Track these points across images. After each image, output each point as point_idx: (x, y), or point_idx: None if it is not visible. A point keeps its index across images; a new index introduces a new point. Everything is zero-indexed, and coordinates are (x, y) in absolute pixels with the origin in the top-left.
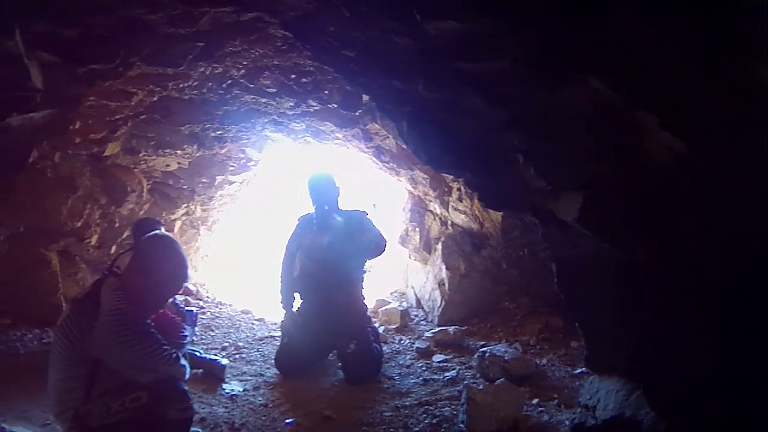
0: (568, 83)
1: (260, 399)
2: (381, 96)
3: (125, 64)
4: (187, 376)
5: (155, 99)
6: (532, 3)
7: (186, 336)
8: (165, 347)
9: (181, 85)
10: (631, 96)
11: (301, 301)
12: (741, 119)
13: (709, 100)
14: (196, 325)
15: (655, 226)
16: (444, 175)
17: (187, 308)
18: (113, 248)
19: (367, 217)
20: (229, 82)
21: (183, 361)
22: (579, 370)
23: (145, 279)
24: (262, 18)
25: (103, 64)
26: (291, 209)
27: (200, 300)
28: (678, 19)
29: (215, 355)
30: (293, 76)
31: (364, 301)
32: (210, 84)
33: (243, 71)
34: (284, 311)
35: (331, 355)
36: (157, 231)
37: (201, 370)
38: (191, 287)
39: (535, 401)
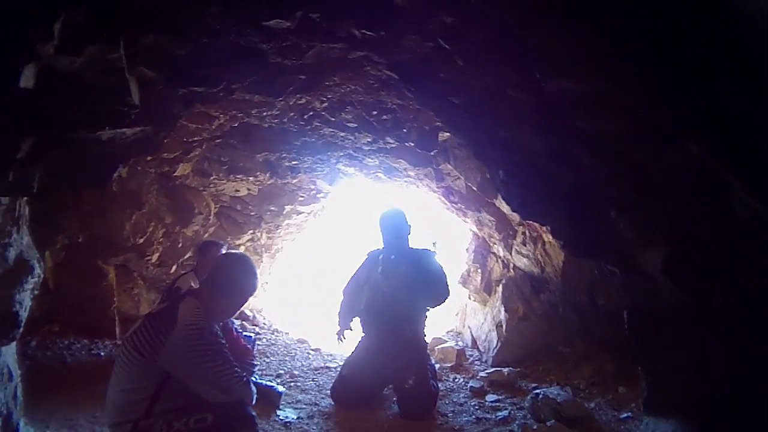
0: (668, 145)
1: (314, 428)
2: (483, 143)
3: (228, 90)
4: (254, 400)
5: (236, 124)
6: (644, 68)
7: (255, 364)
8: (237, 368)
9: (263, 113)
10: (723, 160)
11: (363, 334)
12: None
13: None
14: (255, 348)
15: (731, 280)
16: (510, 218)
17: (245, 333)
18: (174, 268)
19: (435, 257)
20: (311, 113)
21: (252, 386)
22: (625, 415)
23: (223, 293)
24: (370, 57)
25: (205, 88)
26: (356, 243)
27: (256, 326)
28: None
29: (270, 381)
30: (375, 112)
31: (425, 338)
32: (292, 114)
33: (326, 104)
34: (338, 330)
35: (386, 389)
36: (231, 250)
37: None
38: (248, 312)
39: None
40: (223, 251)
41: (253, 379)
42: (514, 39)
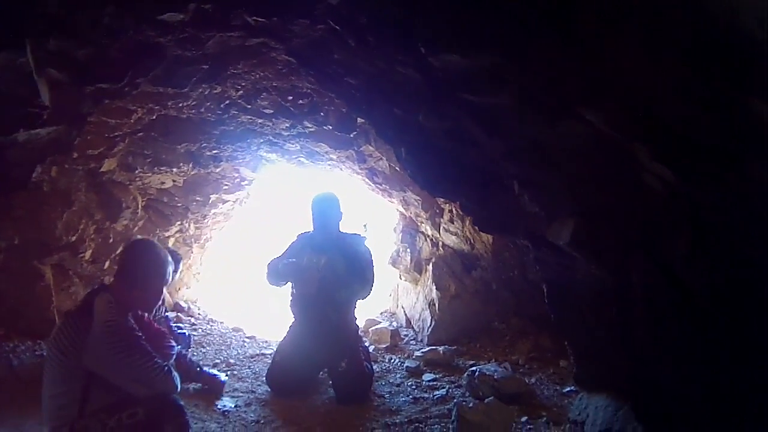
0: (565, 117)
1: (252, 416)
2: (381, 123)
3: (132, 85)
4: (179, 388)
5: (154, 117)
6: (533, 40)
7: (173, 346)
8: (156, 360)
9: (180, 104)
10: (626, 130)
11: (293, 320)
12: (735, 153)
13: (703, 134)
14: (190, 347)
15: (646, 252)
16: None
17: (180, 331)
18: (107, 263)
19: (365, 243)
20: (227, 102)
21: (174, 373)
22: (568, 389)
23: (134, 285)
24: (267, 43)
25: (110, 84)
26: (284, 228)
27: (192, 317)
28: (676, 57)
29: (212, 370)
30: (290, 97)
31: (356, 320)
32: (208, 104)
33: (241, 92)
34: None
35: (322, 373)
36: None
37: (198, 385)
38: (183, 304)
39: (524, 419)
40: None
41: (198, 366)
42: (397, 15)
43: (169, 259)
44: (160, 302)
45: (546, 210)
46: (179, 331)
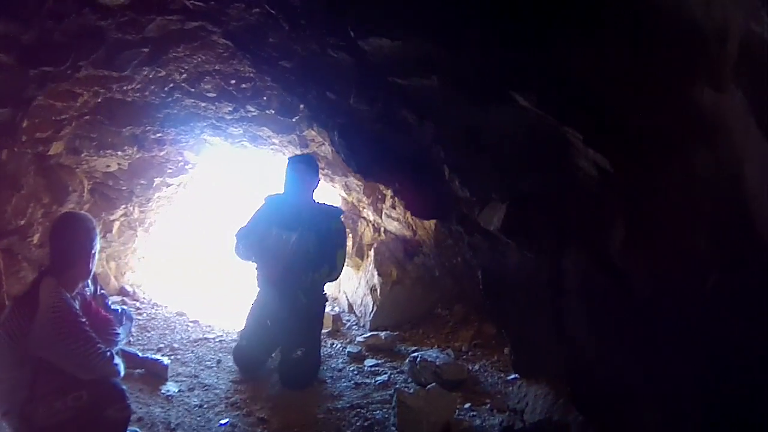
0: (496, 101)
1: (195, 400)
2: (316, 106)
3: (74, 67)
4: (122, 374)
5: (99, 100)
6: (463, 24)
7: (118, 333)
8: (99, 346)
9: (124, 88)
10: (557, 113)
11: (258, 289)
12: (673, 137)
13: (641, 120)
14: (132, 321)
15: (581, 239)
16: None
17: (122, 307)
18: None
19: (341, 218)
20: (171, 85)
21: (117, 360)
22: (512, 376)
23: (65, 264)
24: (205, 27)
25: (54, 67)
26: (227, 212)
27: (137, 301)
28: (609, 40)
29: (155, 355)
30: (233, 81)
31: (323, 304)
32: (152, 87)
33: (185, 75)
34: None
35: (274, 354)
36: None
37: (142, 370)
38: (128, 288)
39: (467, 406)
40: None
41: (138, 354)
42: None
43: (93, 224)
44: (91, 274)
45: (477, 195)
46: (122, 308)
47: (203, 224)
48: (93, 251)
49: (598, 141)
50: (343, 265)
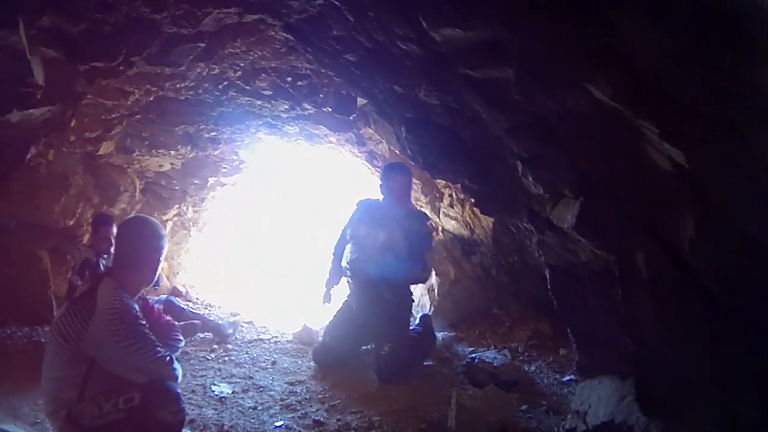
0: (570, 92)
1: (249, 402)
2: (381, 101)
3: (127, 63)
4: (180, 379)
5: (151, 99)
6: (536, 12)
7: (179, 339)
8: (159, 349)
9: (177, 86)
10: (632, 105)
11: (349, 291)
12: (741, 126)
13: (710, 107)
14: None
15: (652, 234)
16: (436, 181)
17: (181, 305)
18: (85, 238)
19: (428, 223)
20: (226, 83)
21: (176, 364)
22: (567, 378)
23: (130, 266)
24: (264, 20)
25: (104, 62)
26: (286, 213)
27: (189, 301)
28: (678, 27)
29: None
30: (289, 78)
31: (411, 302)
32: (206, 85)
33: (240, 73)
34: (324, 290)
35: (366, 347)
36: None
37: (209, 334)
38: (180, 288)
39: (523, 407)
40: (114, 226)
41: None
42: None
43: (162, 231)
44: (155, 281)
45: (550, 191)
46: (191, 322)
47: (258, 224)
48: (160, 257)
49: (673, 135)
50: (425, 270)
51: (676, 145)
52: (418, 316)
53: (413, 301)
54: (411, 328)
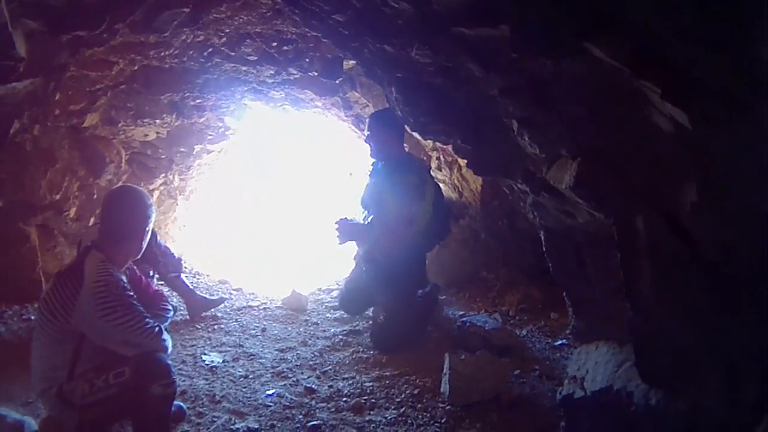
0: (569, 52)
1: (240, 370)
2: (371, 61)
3: (110, 31)
4: (170, 350)
5: (136, 68)
6: None
7: (168, 309)
8: (148, 320)
9: (162, 54)
10: (634, 66)
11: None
12: (743, 98)
13: (713, 77)
14: (182, 269)
15: (653, 199)
16: (423, 143)
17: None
18: (91, 220)
19: (420, 173)
20: (210, 50)
21: (166, 335)
22: (559, 342)
23: (118, 237)
24: None
25: (87, 31)
26: (270, 179)
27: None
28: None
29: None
30: (275, 44)
31: (413, 265)
32: (191, 52)
33: (224, 39)
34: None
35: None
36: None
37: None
38: None
39: (516, 372)
40: None
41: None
42: None
43: (149, 200)
44: (142, 252)
45: (546, 151)
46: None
47: (246, 190)
48: (147, 228)
49: (676, 95)
50: (426, 220)
51: (679, 106)
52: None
53: (416, 264)
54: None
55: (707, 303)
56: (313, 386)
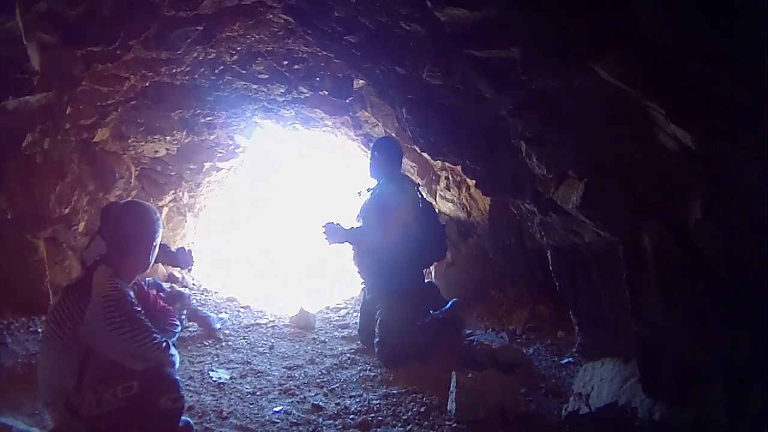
0: (576, 72)
1: (248, 387)
2: (383, 82)
3: (124, 47)
4: (177, 365)
5: (147, 84)
6: None
7: (176, 324)
8: (155, 335)
9: (173, 70)
10: (639, 87)
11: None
12: (752, 111)
13: (720, 92)
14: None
15: (659, 215)
16: (432, 163)
17: (178, 289)
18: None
19: (402, 188)
20: (222, 67)
21: (173, 350)
22: (566, 360)
23: (126, 252)
24: (264, 2)
25: (102, 46)
26: (280, 197)
27: (186, 287)
28: (690, 11)
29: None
30: (285, 62)
31: (406, 280)
32: (202, 69)
33: (236, 57)
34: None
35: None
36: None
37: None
38: (177, 274)
39: (523, 390)
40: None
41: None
42: None
43: (157, 215)
44: (150, 267)
45: (554, 172)
46: (178, 290)
47: (255, 208)
48: (155, 243)
49: (681, 116)
50: (392, 235)
51: (683, 126)
52: (451, 301)
53: (410, 283)
54: (433, 312)
55: (714, 315)
56: (320, 403)
